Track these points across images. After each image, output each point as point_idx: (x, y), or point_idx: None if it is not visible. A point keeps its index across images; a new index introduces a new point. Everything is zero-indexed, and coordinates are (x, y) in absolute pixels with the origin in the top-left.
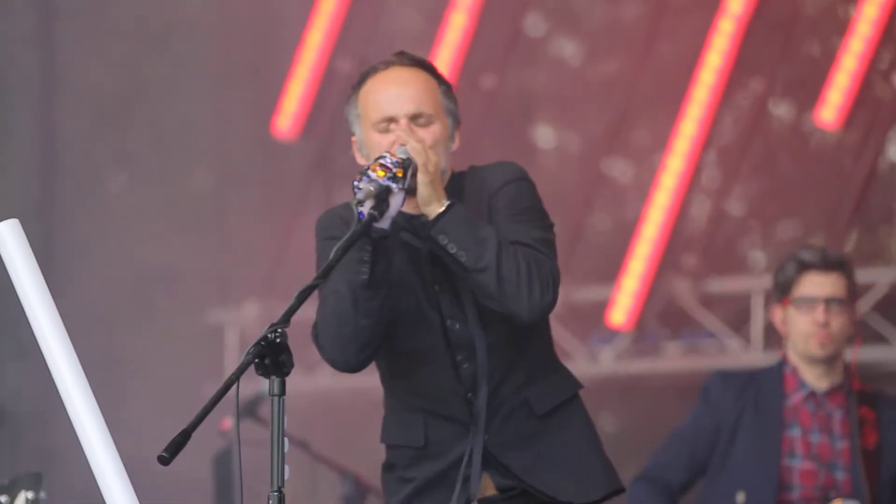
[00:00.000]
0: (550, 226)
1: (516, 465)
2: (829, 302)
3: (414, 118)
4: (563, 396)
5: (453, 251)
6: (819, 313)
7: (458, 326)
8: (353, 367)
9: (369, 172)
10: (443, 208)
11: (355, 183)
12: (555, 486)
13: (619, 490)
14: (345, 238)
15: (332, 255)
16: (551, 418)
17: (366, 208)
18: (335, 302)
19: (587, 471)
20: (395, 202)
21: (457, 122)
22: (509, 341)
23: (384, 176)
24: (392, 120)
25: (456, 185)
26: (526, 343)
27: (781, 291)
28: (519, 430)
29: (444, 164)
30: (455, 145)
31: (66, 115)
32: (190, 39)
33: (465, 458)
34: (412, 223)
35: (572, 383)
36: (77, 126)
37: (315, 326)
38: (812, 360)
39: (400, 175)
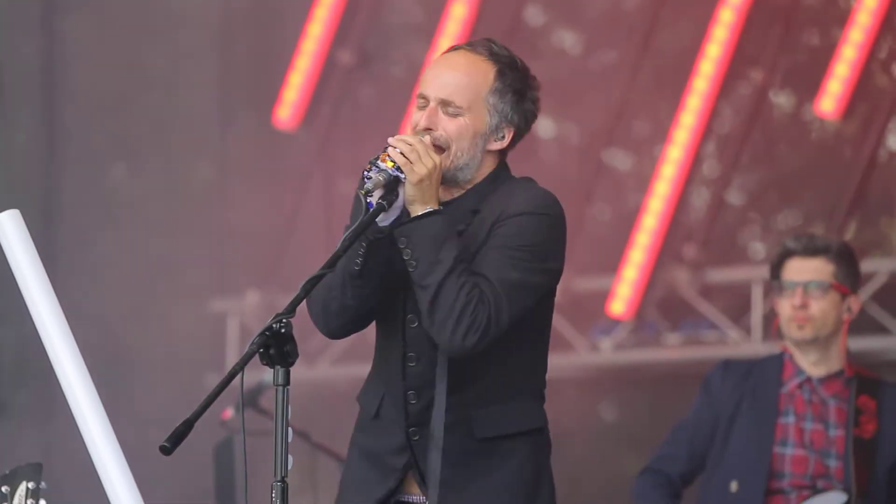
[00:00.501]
0: (543, 269)
1: (432, 476)
2: (807, 285)
3: (444, 104)
4: (513, 429)
5: (406, 258)
6: (797, 297)
7: (415, 325)
8: (333, 336)
9: (378, 162)
10: (422, 212)
11: (365, 172)
12: None
13: None
14: (352, 228)
15: (339, 245)
16: (492, 446)
17: (374, 198)
18: (331, 276)
19: None
20: (404, 192)
21: (510, 121)
22: (468, 358)
23: (393, 166)
24: (426, 98)
25: (493, 188)
26: (488, 361)
27: (772, 279)
28: (454, 446)
29: (466, 160)
30: (499, 145)
31: (67, 106)
32: (191, 30)
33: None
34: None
35: (530, 419)
36: (78, 117)
37: None
38: (799, 345)
39: None
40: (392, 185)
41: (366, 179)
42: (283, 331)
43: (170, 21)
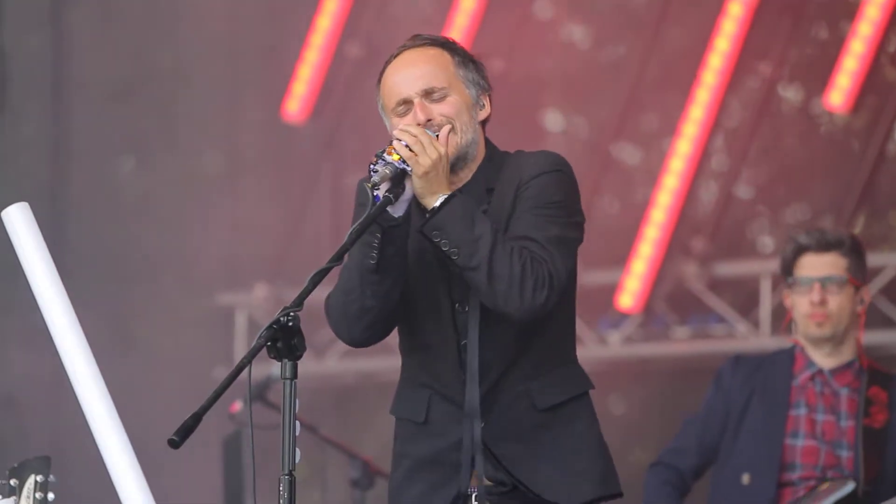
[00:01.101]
0: (574, 223)
1: (508, 457)
2: (824, 281)
3: (427, 94)
4: (568, 394)
5: (446, 248)
6: (815, 293)
7: (466, 309)
8: (357, 343)
9: (385, 155)
10: (438, 202)
11: (371, 166)
12: (543, 483)
13: (615, 494)
14: (360, 221)
15: (346, 238)
16: (553, 414)
17: (381, 191)
18: (346, 279)
19: (581, 471)
20: (411, 185)
21: (483, 88)
22: (516, 331)
23: (399, 159)
24: (407, 101)
25: (497, 164)
26: (534, 335)
27: (785, 275)
28: (517, 422)
29: (472, 135)
30: (484, 113)
31: (75, 99)
32: (199, 23)
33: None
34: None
35: (582, 382)
36: (87, 110)
37: (328, 297)
38: (814, 340)
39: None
40: (399, 178)
41: (372, 173)
42: (290, 324)
43: (178, 13)
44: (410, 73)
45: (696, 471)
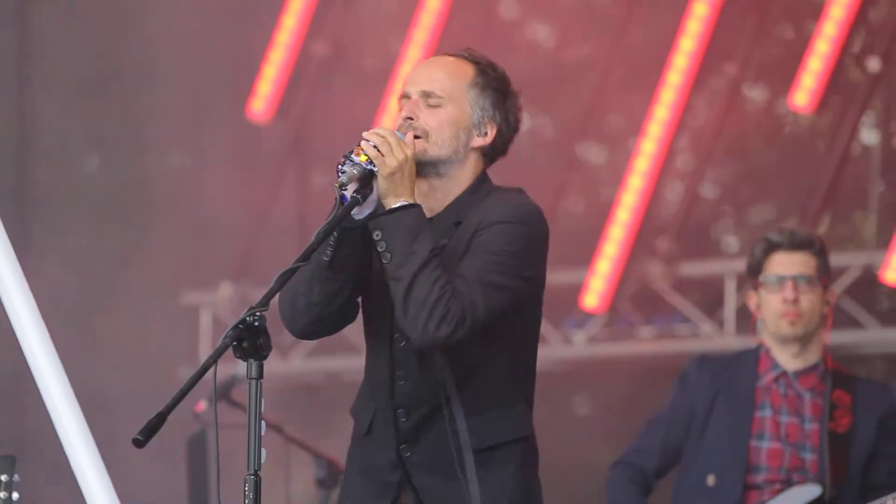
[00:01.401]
0: (520, 275)
1: (427, 490)
2: (797, 279)
3: (425, 96)
4: (504, 438)
5: (381, 249)
6: (788, 290)
7: (402, 344)
8: (300, 335)
9: (353, 156)
10: (396, 205)
11: (339, 166)
12: None
13: None
14: (327, 221)
15: (314, 238)
16: (487, 455)
17: (349, 192)
18: (302, 271)
19: None
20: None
21: (491, 119)
22: (458, 367)
23: (367, 160)
24: (407, 96)
25: (475, 200)
26: (478, 370)
27: (753, 274)
28: (444, 458)
29: (449, 152)
30: (482, 140)
31: (40, 96)
32: (165, 21)
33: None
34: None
35: (521, 427)
36: (51, 108)
37: None
38: (785, 340)
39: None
40: (367, 179)
41: (340, 173)
42: (256, 324)
43: (144, 12)
44: (422, 73)
45: (658, 471)
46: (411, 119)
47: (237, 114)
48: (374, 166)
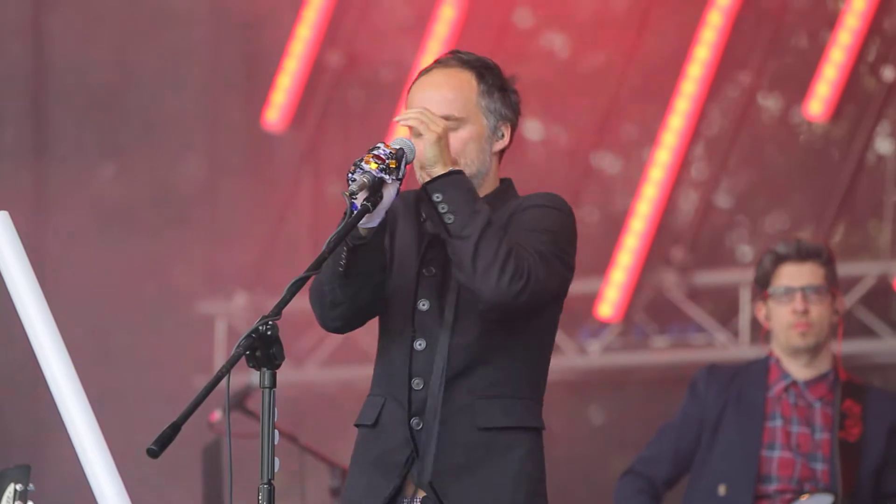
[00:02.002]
0: (563, 258)
1: (436, 467)
2: (805, 290)
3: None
4: (512, 422)
5: (443, 210)
6: (797, 302)
7: (426, 307)
8: (329, 328)
9: (362, 164)
10: (446, 171)
11: (349, 175)
12: (454, 501)
13: None
14: (337, 229)
15: (325, 246)
16: (492, 437)
17: (359, 200)
18: (324, 270)
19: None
20: (389, 193)
21: (504, 118)
22: (479, 343)
23: (377, 168)
24: None
25: (502, 199)
26: (497, 353)
27: (761, 286)
28: (453, 436)
29: (478, 166)
30: (502, 144)
31: (56, 105)
32: (180, 30)
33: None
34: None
35: (531, 418)
36: (67, 116)
37: (313, 279)
38: (795, 351)
39: (393, 166)
40: (376, 187)
41: (350, 181)
42: (269, 333)
43: (158, 20)
44: (431, 96)
45: (668, 480)
46: None
47: (252, 123)
48: (385, 174)
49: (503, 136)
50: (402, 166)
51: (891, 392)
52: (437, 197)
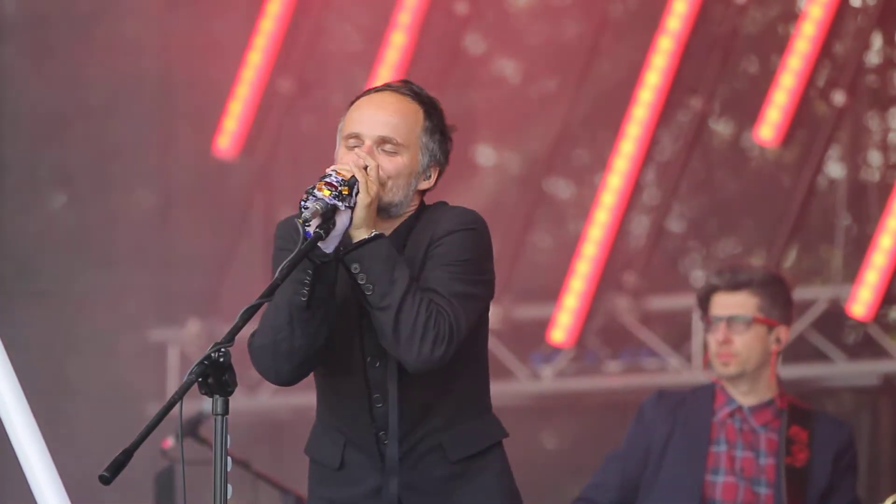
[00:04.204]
0: (482, 280)
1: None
2: (730, 321)
3: (380, 143)
4: (480, 445)
5: (362, 282)
6: (719, 332)
7: (377, 365)
8: (284, 382)
9: (315, 192)
10: (368, 236)
11: (302, 202)
12: None
13: None
14: (290, 257)
15: (277, 274)
16: (465, 466)
17: (312, 227)
18: (273, 318)
19: None
20: (342, 221)
21: (436, 161)
22: (428, 384)
23: (330, 195)
24: (359, 138)
25: (412, 225)
26: (447, 387)
27: (703, 313)
28: (430, 475)
29: (401, 197)
30: (427, 184)
31: (6, 133)
32: (130, 58)
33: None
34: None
35: (494, 432)
36: (18, 146)
37: (252, 336)
38: (727, 379)
39: (346, 193)
40: (329, 214)
41: (303, 209)
42: (221, 360)
43: (108, 49)
44: (376, 115)
45: None
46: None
47: (203, 150)
48: (338, 201)
49: (430, 177)
50: (354, 194)
51: (836, 418)
52: (354, 268)
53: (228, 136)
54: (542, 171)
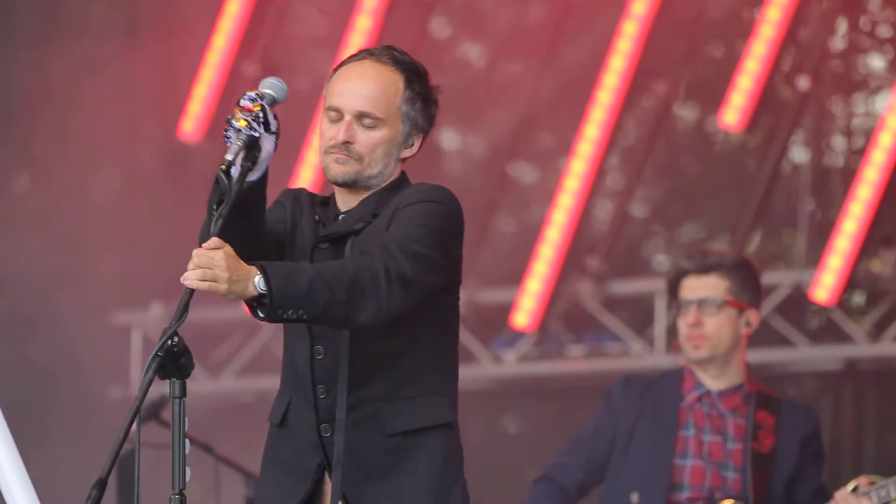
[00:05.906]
0: (442, 252)
1: (347, 476)
2: (701, 303)
3: (360, 117)
4: (421, 423)
5: (294, 318)
6: (691, 315)
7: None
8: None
9: (233, 122)
10: (262, 284)
11: (225, 133)
12: None
13: None
14: (225, 202)
15: (213, 225)
16: (401, 442)
17: (238, 161)
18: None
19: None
20: (267, 147)
21: (419, 128)
22: (378, 346)
23: (247, 125)
24: (339, 112)
25: (389, 195)
26: (398, 354)
27: (672, 297)
28: (362, 443)
29: (380, 168)
30: (410, 152)
31: None
32: (95, 40)
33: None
34: (327, 214)
35: (437, 413)
36: None
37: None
38: (696, 363)
39: (258, 109)
40: (251, 144)
41: (226, 141)
42: (175, 349)
43: (74, 31)
44: (356, 89)
45: (580, 487)
46: (349, 143)
47: (168, 133)
48: (253, 131)
49: (413, 144)
50: (271, 116)
51: (803, 405)
52: (291, 315)
53: (193, 119)
54: (506, 156)
